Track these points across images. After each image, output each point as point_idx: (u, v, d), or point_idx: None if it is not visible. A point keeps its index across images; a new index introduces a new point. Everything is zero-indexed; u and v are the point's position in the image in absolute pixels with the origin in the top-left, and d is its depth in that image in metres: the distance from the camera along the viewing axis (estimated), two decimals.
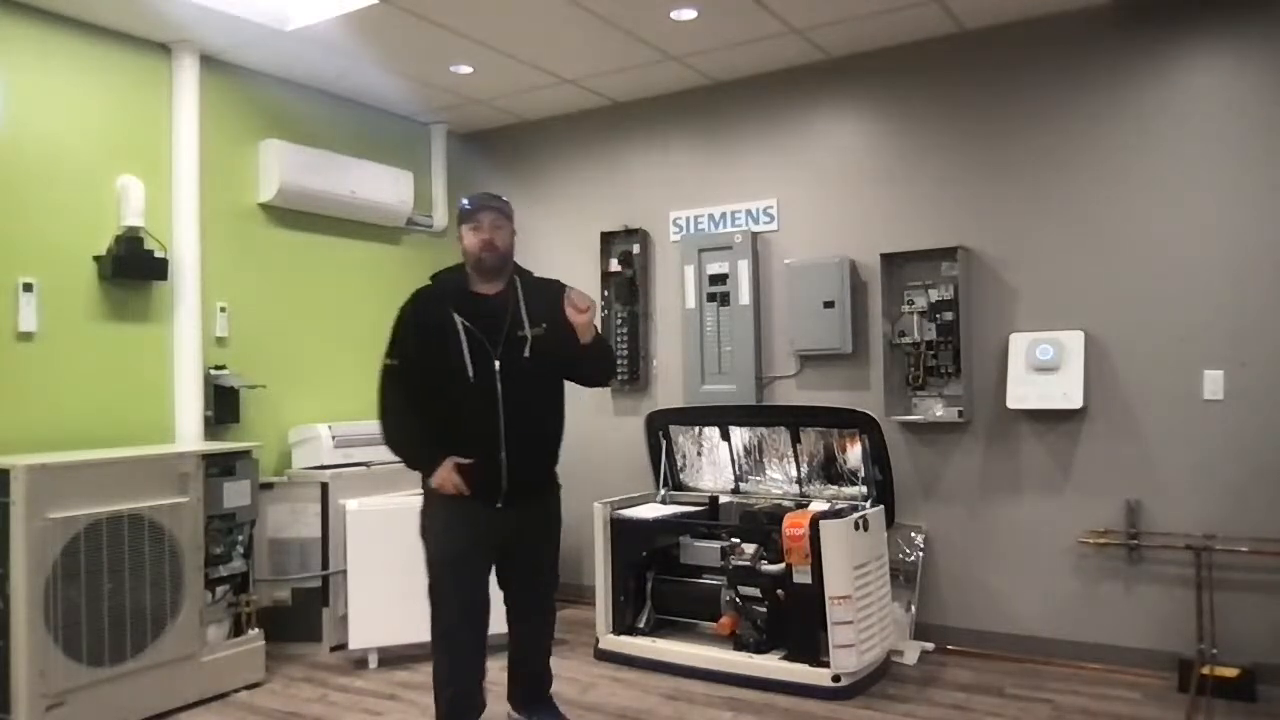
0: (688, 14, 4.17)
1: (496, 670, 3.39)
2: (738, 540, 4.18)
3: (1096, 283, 4.16)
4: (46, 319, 3.96)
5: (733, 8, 4.10)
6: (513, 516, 3.04)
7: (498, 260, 3.05)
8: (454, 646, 3.10)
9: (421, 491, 3.18)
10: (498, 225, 3.04)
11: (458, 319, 2.98)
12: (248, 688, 4.02)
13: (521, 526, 3.09)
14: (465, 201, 3.15)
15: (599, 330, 3.10)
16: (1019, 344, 4.24)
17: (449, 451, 2.99)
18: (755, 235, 4.96)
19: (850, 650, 3.74)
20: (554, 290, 3.08)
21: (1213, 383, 3.93)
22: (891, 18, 4.26)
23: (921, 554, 4.49)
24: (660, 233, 5.35)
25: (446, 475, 2.98)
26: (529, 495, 3.09)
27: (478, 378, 2.96)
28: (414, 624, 3.46)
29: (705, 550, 4.39)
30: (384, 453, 3.29)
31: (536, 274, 3.28)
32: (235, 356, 4.64)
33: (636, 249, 5.38)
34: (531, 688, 3.40)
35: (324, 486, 4.57)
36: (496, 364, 2.96)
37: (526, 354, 2.99)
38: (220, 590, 3.99)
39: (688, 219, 5.24)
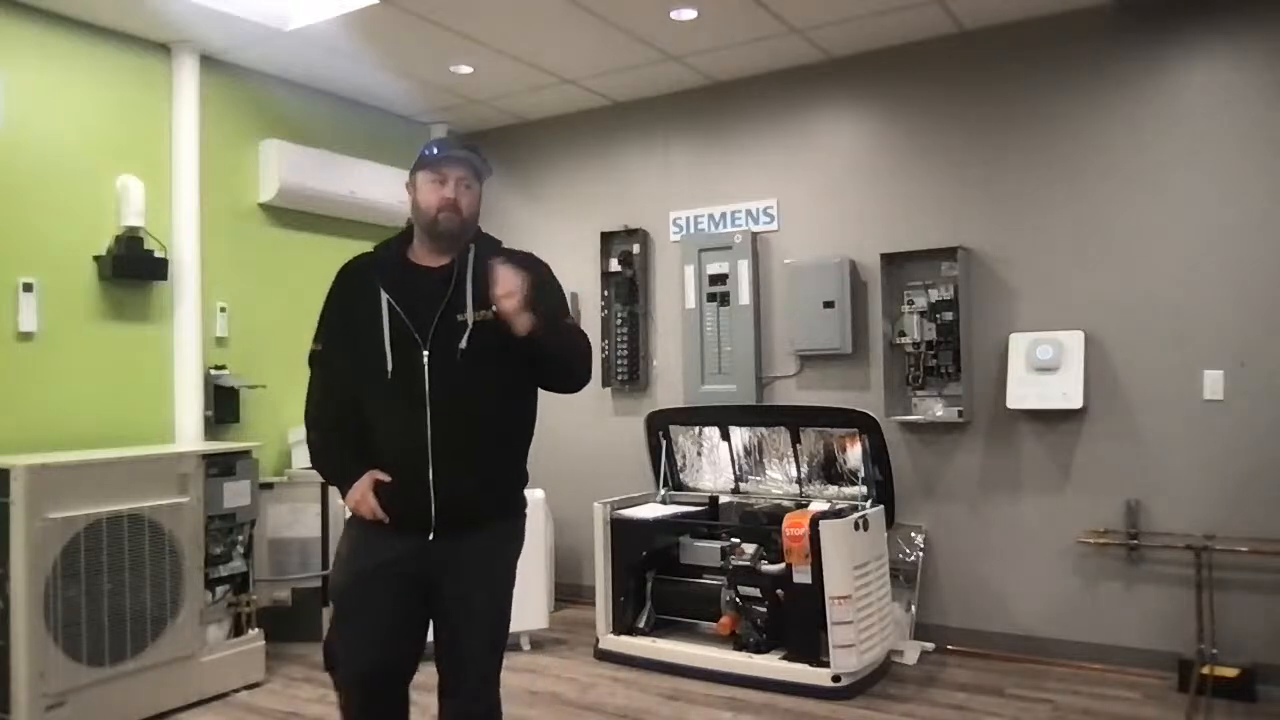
0: (688, 14, 4.17)
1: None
2: (738, 540, 4.18)
3: (1096, 282, 4.16)
4: (46, 319, 3.96)
5: (733, 8, 4.11)
6: (446, 552, 2.29)
7: (458, 227, 2.33)
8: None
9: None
10: (467, 184, 2.34)
11: (384, 297, 2.31)
12: (248, 688, 4.02)
13: (453, 566, 2.30)
14: (426, 149, 2.39)
15: (545, 321, 2.25)
16: (1019, 344, 4.24)
17: (371, 466, 2.32)
18: (755, 235, 4.96)
19: (850, 650, 3.74)
20: (522, 266, 2.28)
21: (1213, 383, 3.93)
22: (891, 18, 4.26)
23: (921, 554, 4.49)
24: (660, 233, 5.35)
25: (362, 496, 2.29)
26: (470, 526, 2.31)
27: (398, 374, 2.27)
28: None
29: (705, 550, 4.40)
30: None
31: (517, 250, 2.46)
32: (235, 356, 4.64)
33: (636, 249, 5.38)
34: None
35: (324, 486, 4.56)
36: (425, 356, 2.27)
37: (463, 345, 2.27)
38: (220, 590, 3.99)
39: (688, 219, 5.24)
